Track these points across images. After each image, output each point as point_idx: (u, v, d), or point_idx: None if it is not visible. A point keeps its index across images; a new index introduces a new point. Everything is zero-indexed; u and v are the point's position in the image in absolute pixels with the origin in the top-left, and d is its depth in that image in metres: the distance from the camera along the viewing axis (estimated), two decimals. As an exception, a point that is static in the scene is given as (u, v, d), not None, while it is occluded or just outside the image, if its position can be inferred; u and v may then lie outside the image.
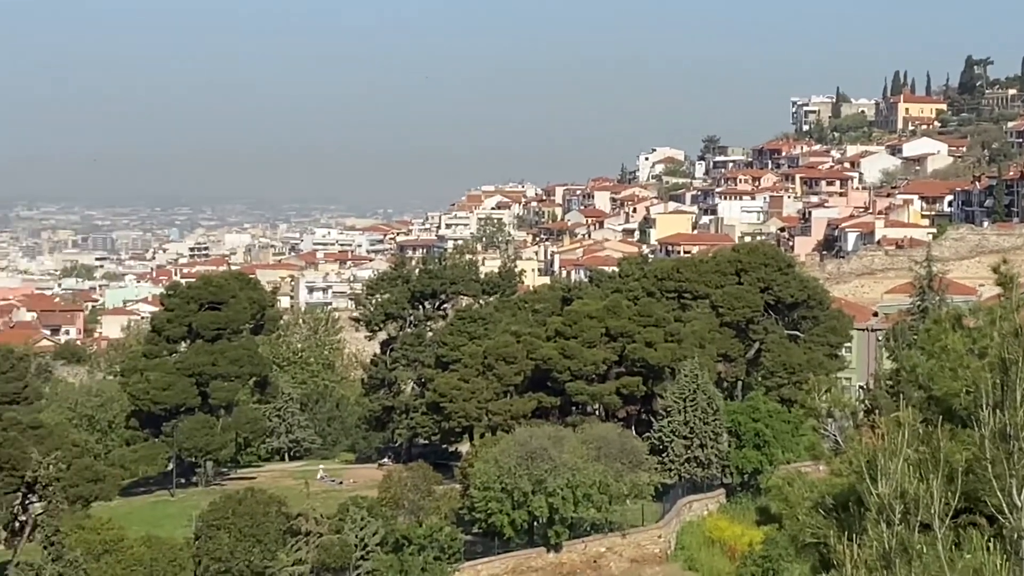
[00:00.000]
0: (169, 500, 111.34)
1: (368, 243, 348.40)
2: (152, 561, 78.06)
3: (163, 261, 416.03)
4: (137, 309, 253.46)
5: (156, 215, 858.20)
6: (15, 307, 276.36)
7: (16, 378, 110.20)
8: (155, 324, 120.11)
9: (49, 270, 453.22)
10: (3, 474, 77.68)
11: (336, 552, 77.48)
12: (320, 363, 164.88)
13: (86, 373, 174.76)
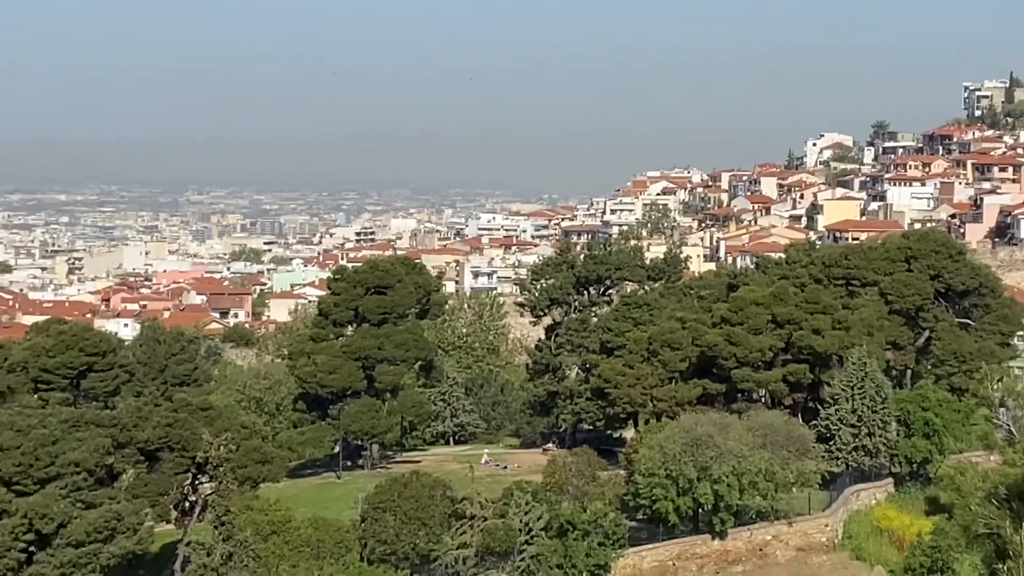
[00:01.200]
0: (335, 482, 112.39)
1: (533, 228, 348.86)
2: (319, 542, 78.88)
3: (330, 245, 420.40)
4: (304, 293, 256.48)
5: (323, 200, 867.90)
6: (186, 290, 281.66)
7: (186, 360, 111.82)
8: (322, 308, 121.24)
9: (218, 254, 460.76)
10: (174, 454, 78.81)
11: (500, 536, 77.59)
12: (485, 348, 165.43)
13: (254, 356, 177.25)
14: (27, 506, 67.75)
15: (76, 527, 68.26)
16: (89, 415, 77.18)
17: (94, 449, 71.30)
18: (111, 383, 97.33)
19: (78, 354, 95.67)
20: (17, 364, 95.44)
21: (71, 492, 69.21)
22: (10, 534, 67.41)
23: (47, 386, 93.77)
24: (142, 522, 72.20)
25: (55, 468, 69.16)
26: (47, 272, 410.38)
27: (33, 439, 69.51)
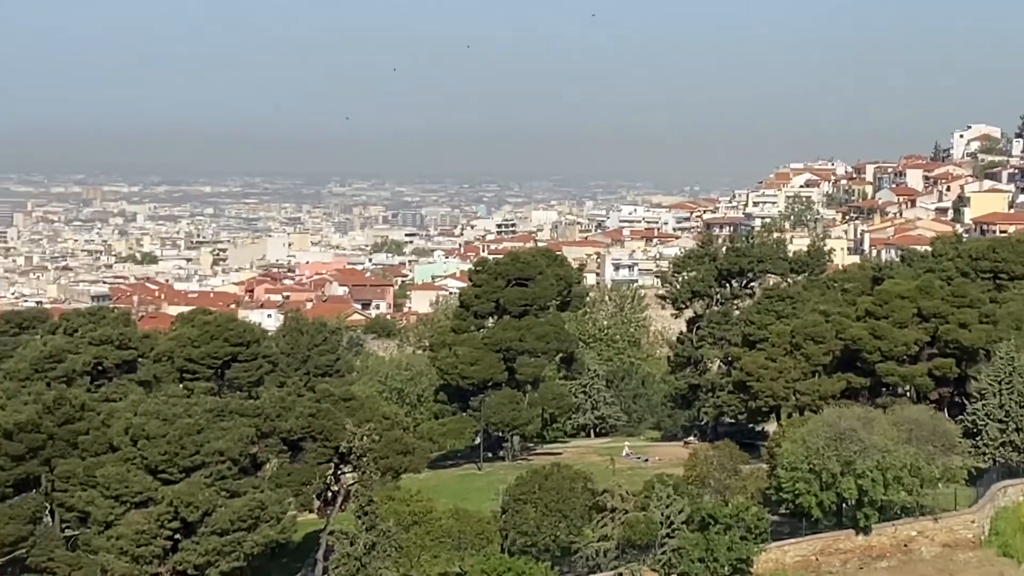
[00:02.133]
0: (476, 473, 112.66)
1: (674, 220, 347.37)
2: (460, 533, 79.03)
3: (471, 237, 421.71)
4: (445, 284, 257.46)
5: (464, 192, 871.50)
6: (328, 281, 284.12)
7: (329, 351, 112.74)
8: (463, 299, 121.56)
9: (360, 245, 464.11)
10: (316, 444, 79.40)
11: (641, 529, 77.28)
12: (626, 340, 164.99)
13: (396, 347, 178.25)
14: (173, 494, 68.68)
15: (221, 515, 69.05)
16: (233, 405, 78.03)
17: (238, 438, 72.07)
18: (255, 373, 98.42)
19: (223, 344, 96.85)
20: (163, 354, 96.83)
21: (216, 481, 70.02)
22: (156, 521, 68.38)
23: (192, 376, 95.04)
24: (285, 511, 72.87)
25: (200, 457, 70.01)
26: (192, 263, 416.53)
27: (179, 428, 70.42)
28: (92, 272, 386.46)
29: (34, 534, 73.69)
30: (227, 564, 69.24)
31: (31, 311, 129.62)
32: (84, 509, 71.24)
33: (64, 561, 72.57)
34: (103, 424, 74.72)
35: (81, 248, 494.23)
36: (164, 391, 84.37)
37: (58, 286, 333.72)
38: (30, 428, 73.49)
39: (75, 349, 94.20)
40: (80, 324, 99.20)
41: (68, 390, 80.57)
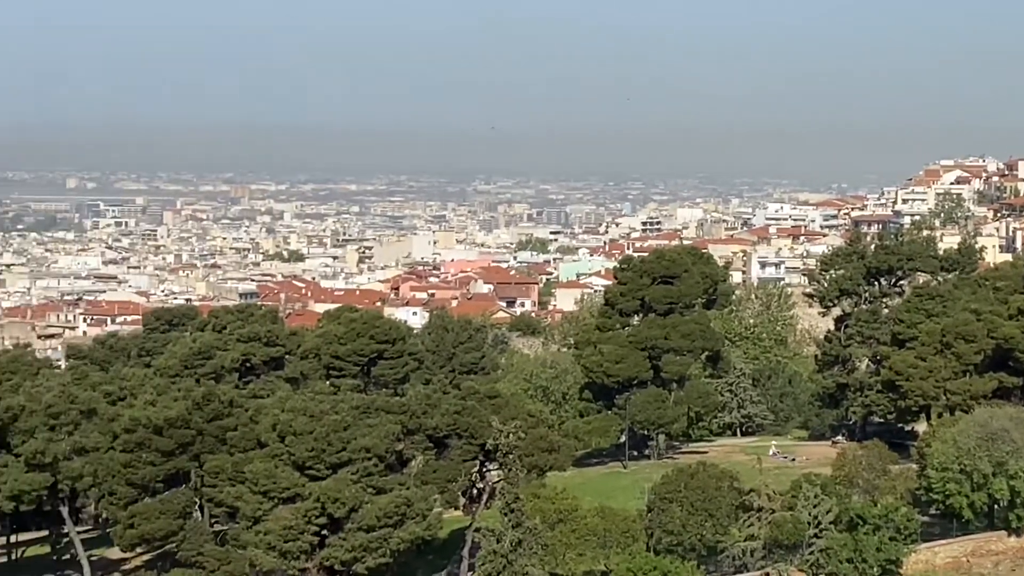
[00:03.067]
0: (621, 472, 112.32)
1: (821, 218, 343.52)
2: (605, 531, 78.76)
3: (615, 235, 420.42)
4: (590, 282, 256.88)
5: (609, 190, 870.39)
6: (473, 279, 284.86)
7: (474, 348, 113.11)
8: (608, 297, 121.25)
9: (505, 243, 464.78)
10: (462, 442, 79.60)
11: (788, 529, 76.54)
12: (772, 339, 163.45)
13: (540, 345, 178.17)
14: (320, 490, 69.20)
15: (367, 512, 69.45)
16: (379, 402, 78.49)
17: (384, 435, 72.43)
18: (400, 370, 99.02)
19: (369, 341, 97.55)
20: (310, 351, 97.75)
21: (362, 477, 70.44)
22: (303, 517, 68.96)
23: (339, 372, 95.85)
24: (431, 508, 73.12)
25: (347, 453, 70.46)
26: (338, 261, 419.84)
27: (326, 425, 70.93)
28: (240, 270, 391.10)
29: (184, 528, 74.76)
30: (373, 560, 69.64)
31: (180, 308, 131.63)
32: (233, 504, 72.06)
33: (213, 556, 73.50)
34: (251, 420, 75.56)
35: (229, 246, 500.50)
36: (311, 388, 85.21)
37: (207, 283, 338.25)
38: (180, 424, 74.55)
39: (224, 346, 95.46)
40: (229, 321, 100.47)
41: (217, 386, 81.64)
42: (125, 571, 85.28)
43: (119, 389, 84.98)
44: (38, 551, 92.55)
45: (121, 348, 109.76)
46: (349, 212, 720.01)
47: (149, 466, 74.28)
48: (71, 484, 76.51)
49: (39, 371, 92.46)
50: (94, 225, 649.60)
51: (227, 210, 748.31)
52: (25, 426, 75.25)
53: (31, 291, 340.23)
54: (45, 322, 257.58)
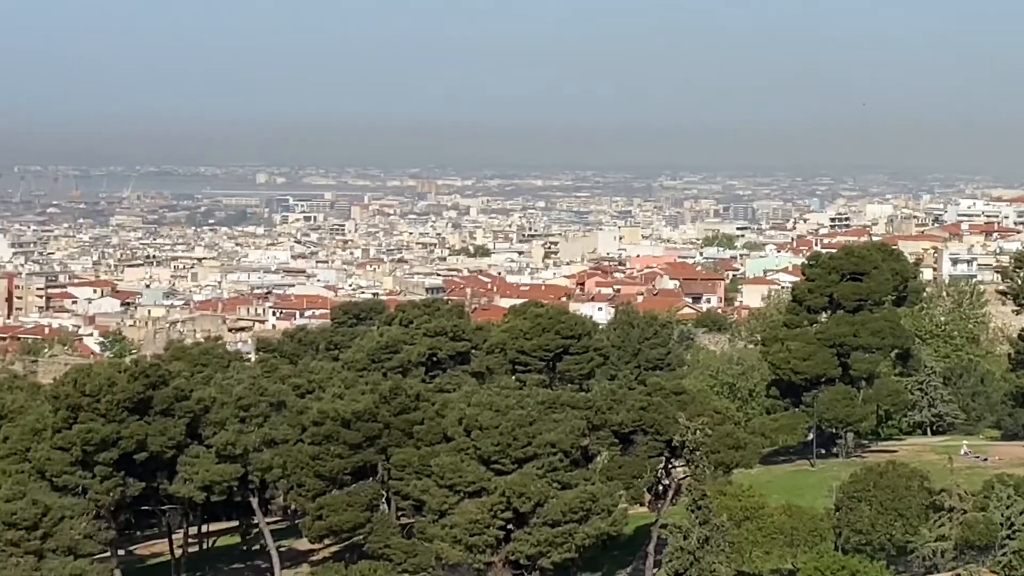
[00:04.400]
0: (809, 470, 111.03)
1: (1015, 215, 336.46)
2: (792, 530, 77.93)
3: (803, 231, 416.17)
4: (777, 279, 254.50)
5: (797, 185, 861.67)
6: (659, 275, 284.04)
7: (660, 344, 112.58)
8: (796, 294, 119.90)
9: (691, 239, 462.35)
10: (647, 438, 79.23)
11: (980, 530, 74.95)
12: (964, 337, 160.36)
13: (727, 341, 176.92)
14: (505, 484, 69.34)
15: (552, 507, 69.44)
16: (565, 397, 78.46)
17: (570, 430, 72.35)
18: (586, 366, 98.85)
19: (554, 337, 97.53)
20: (496, 345, 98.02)
21: (548, 472, 70.44)
22: (489, 511, 69.15)
23: (524, 367, 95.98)
24: (616, 504, 72.92)
25: (532, 448, 70.50)
26: (524, 256, 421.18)
27: (511, 419, 71.04)
28: (426, 264, 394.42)
29: (371, 521, 75.45)
30: (558, 555, 69.64)
31: (368, 302, 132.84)
32: (419, 498, 72.53)
33: (400, 548, 74.08)
34: (437, 414, 75.99)
35: (416, 241, 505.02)
36: (497, 382, 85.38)
37: (393, 278, 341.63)
38: (367, 417, 75.23)
39: (410, 340, 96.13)
40: (415, 316, 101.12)
41: (404, 380, 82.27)
42: (313, 562, 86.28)
43: (308, 382, 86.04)
44: (228, 541, 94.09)
45: (310, 341, 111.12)
46: (535, 207, 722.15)
47: (337, 459, 75.08)
48: (261, 475, 77.64)
49: (230, 364, 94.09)
50: (283, 220, 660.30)
51: (414, 205, 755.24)
52: (216, 418, 76.54)
53: (222, 285, 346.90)
54: (235, 315, 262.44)
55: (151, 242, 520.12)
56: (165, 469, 75.07)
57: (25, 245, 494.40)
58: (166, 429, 73.26)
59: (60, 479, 71.26)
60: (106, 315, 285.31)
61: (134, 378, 72.97)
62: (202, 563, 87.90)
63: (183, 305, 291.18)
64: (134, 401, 72.20)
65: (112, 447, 71.26)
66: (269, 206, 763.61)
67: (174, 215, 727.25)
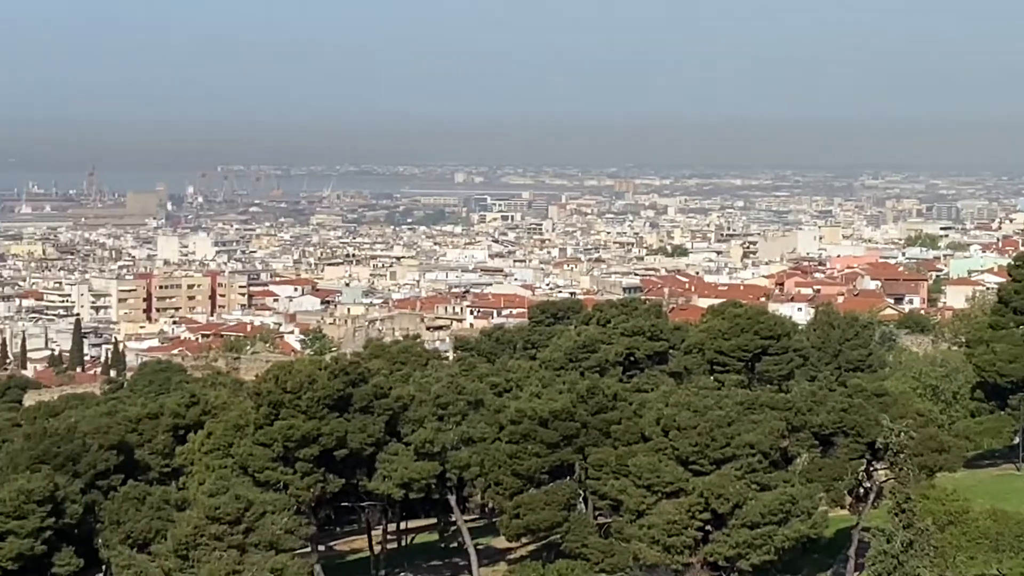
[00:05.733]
0: (1015, 474, 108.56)
1: None
2: (998, 535, 76.07)
3: (1009, 231, 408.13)
4: (982, 280, 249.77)
5: (1002, 184, 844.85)
6: (860, 275, 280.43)
7: (861, 345, 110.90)
8: (1002, 295, 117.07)
9: (893, 239, 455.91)
10: (848, 440, 78.05)
11: None
12: None
13: (930, 343, 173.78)
14: (704, 485, 68.77)
15: (751, 508, 68.69)
16: (764, 398, 77.62)
17: (769, 432, 71.54)
18: (785, 367, 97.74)
19: (753, 337, 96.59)
20: (694, 346, 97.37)
21: (746, 473, 69.72)
22: (687, 512, 68.63)
23: (722, 368, 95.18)
24: (816, 506, 71.89)
25: (731, 449, 69.83)
26: (722, 256, 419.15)
27: (709, 420, 70.47)
28: (624, 264, 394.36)
29: (568, 520, 75.30)
30: (757, 557, 68.86)
31: (565, 301, 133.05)
32: (616, 497, 72.24)
33: (597, 548, 73.84)
34: (635, 414, 75.64)
35: (613, 240, 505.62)
36: (695, 382, 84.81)
37: (591, 277, 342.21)
38: (564, 416, 75.16)
39: (608, 340, 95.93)
40: (613, 315, 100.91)
41: (601, 380, 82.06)
42: (511, 560, 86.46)
43: (505, 381, 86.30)
44: (426, 538, 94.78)
45: (507, 340, 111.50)
46: (733, 207, 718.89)
47: (534, 457, 75.11)
48: (458, 473, 77.98)
49: (428, 362, 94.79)
50: (481, 219, 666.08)
51: (611, 204, 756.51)
52: (415, 415, 77.08)
53: (420, 283, 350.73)
54: (433, 314, 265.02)
55: (351, 241, 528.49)
56: (364, 466, 75.72)
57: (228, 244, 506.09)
58: (365, 426, 73.91)
59: (262, 475, 72.33)
60: (306, 313, 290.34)
61: (334, 375, 73.76)
62: (401, 560, 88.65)
63: (382, 303, 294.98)
64: (334, 398, 72.97)
65: (312, 444, 72.11)
66: (467, 205, 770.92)
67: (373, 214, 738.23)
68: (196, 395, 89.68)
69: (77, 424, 78.94)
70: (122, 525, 67.90)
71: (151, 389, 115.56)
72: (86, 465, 73.59)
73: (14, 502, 64.41)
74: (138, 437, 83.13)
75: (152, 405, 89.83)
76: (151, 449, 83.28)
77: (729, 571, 70.11)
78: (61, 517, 66.87)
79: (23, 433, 77.89)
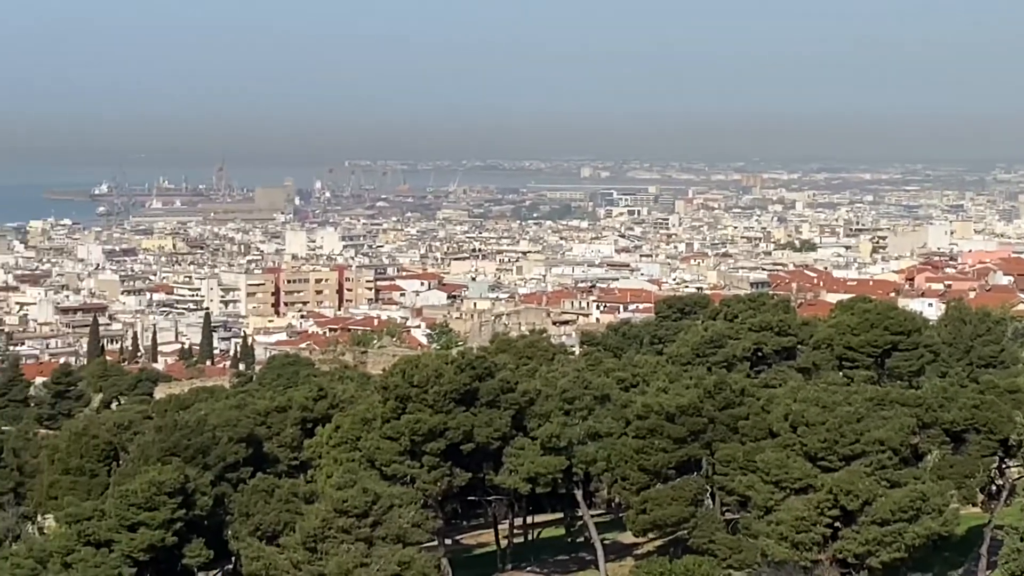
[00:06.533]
0: None
1: None
2: None
3: None
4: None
5: None
6: (992, 270, 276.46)
7: (993, 341, 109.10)
8: None
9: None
10: (980, 436, 76.91)
11: None
12: None
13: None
14: (832, 482, 68.05)
15: (881, 505, 67.85)
16: (894, 394, 76.67)
17: (899, 428, 70.64)
18: (915, 363, 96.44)
19: (882, 332, 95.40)
20: (822, 341, 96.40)
21: (876, 470, 68.89)
22: (815, 509, 67.94)
23: (851, 364, 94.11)
24: (947, 503, 70.86)
25: (860, 446, 69.05)
26: (851, 251, 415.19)
27: (838, 416, 69.75)
28: (751, 259, 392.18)
29: (695, 516, 74.90)
30: (887, 555, 67.99)
31: (692, 296, 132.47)
32: (744, 493, 71.76)
33: (725, 544, 73.40)
34: (763, 410, 75.06)
35: (740, 235, 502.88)
36: (823, 378, 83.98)
37: (718, 272, 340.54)
38: (692, 412, 74.74)
39: (735, 335, 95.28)
40: (740, 310, 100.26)
41: (728, 375, 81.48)
42: (637, 556, 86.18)
43: (631, 376, 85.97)
44: (553, 533, 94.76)
45: (633, 335, 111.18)
46: (863, 201, 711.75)
47: (661, 453, 74.75)
48: (585, 468, 77.83)
49: (554, 356, 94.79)
50: (607, 214, 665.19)
51: (738, 199, 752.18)
52: (541, 410, 77.04)
53: (546, 278, 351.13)
54: (560, 308, 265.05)
55: (477, 235, 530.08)
56: (491, 460, 75.83)
57: (355, 238, 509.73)
58: (492, 420, 74.00)
59: (389, 468, 72.67)
60: (433, 307, 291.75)
61: (461, 370, 73.92)
62: (527, 554, 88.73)
63: (508, 298, 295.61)
64: (461, 392, 73.14)
65: (439, 437, 72.34)
66: (593, 200, 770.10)
67: (499, 209, 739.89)
68: (324, 389, 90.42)
69: (207, 417, 79.79)
70: (251, 517, 68.51)
71: (279, 382, 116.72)
72: (216, 457, 74.42)
73: (145, 493, 65.19)
74: (267, 430, 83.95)
75: (280, 398, 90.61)
76: (279, 442, 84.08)
77: (859, 568, 69.33)
78: (191, 509, 67.58)
79: (154, 426, 78.84)
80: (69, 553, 63.76)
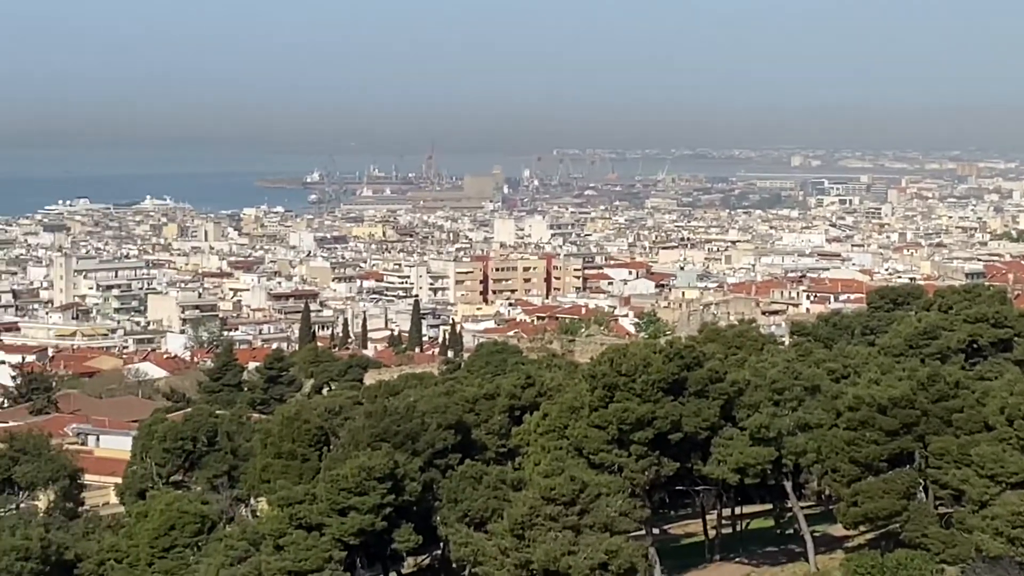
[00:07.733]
0: None
1: None
2: None
3: None
4: None
5: None
6: None
7: None
8: None
9: None
10: None
11: None
12: None
13: None
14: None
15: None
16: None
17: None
18: None
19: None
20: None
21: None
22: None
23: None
24: None
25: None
26: None
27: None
28: (966, 249, 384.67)
29: (908, 509, 73.61)
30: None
31: (905, 287, 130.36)
32: (958, 487, 70.35)
33: (937, 538, 72.01)
34: (977, 403, 73.45)
35: (955, 225, 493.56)
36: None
37: (931, 263, 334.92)
38: (904, 404, 73.41)
39: (949, 326, 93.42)
40: (955, 301, 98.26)
41: (942, 367, 79.89)
42: (848, 548, 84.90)
43: (842, 367, 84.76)
44: (761, 524, 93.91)
45: (845, 326, 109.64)
46: None
47: (872, 445, 73.56)
48: (794, 459, 76.90)
49: (763, 347, 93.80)
50: (818, 203, 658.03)
51: (953, 188, 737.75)
52: (750, 400, 76.32)
53: (755, 267, 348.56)
54: (769, 298, 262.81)
55: (685, 224, 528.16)
56: (699, 450, 75.31)
57: (563, 227, 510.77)
58: (700, 410, 73.52)
59: (596, 456, 72.58)
60: (641, 296, 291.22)
61: (669, 359, 73.53)
62: (735, 545, 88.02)
63: (717, 287, 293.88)
64: (669, 382, 72.76)
65: (647, 427, 72.05)
66: (804, 189, 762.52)
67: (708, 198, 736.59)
68: (532, 376, 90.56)
69: (416, 403, 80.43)
70: (459, 503, 69.01)
71: (487, 370, 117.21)
72: (424, 444, 75.06)
73: (356, 478, 66.04)
74: (475, 417, 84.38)
75: (488, 386, 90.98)
76: (487, 429, 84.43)
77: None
78: (401, 494, 68.28)
79: (364, 411, 79.73)
80: (281, 536, 64.88)
